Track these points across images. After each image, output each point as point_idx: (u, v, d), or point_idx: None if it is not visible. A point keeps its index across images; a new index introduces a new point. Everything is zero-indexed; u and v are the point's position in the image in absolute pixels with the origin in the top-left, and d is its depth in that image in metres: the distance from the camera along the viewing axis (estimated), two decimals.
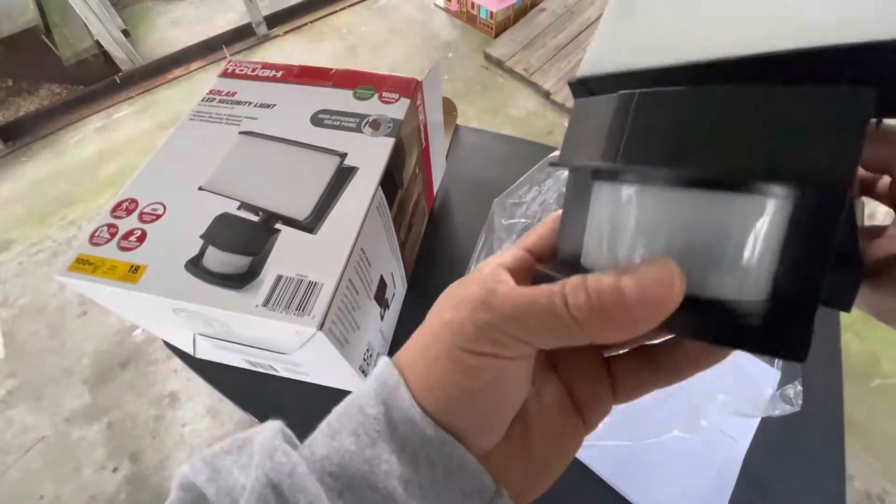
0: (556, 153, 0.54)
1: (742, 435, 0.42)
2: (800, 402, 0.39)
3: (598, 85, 0.16)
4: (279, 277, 0.31)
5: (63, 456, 1.16)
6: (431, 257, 0.55)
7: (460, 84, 1.92)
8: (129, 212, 0.35)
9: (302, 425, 0.39)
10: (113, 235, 0.34)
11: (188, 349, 0.45)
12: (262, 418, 0.46)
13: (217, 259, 0.32)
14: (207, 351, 0.44)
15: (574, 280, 0.13)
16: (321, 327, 0.29)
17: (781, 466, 0.41)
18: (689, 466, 0.41)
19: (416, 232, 0.51)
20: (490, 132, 0.70)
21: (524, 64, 1.90)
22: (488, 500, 0.15)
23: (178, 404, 1.21)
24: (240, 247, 0.32)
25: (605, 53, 0.16)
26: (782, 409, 0.38)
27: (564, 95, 1.77)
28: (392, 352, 0.49)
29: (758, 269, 0.13)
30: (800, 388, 0.39)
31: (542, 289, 0.14)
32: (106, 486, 1.11)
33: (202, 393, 1.22)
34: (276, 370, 0.43)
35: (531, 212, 0.52)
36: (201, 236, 0.33)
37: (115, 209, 0.35)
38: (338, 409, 0.17)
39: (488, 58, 1.98)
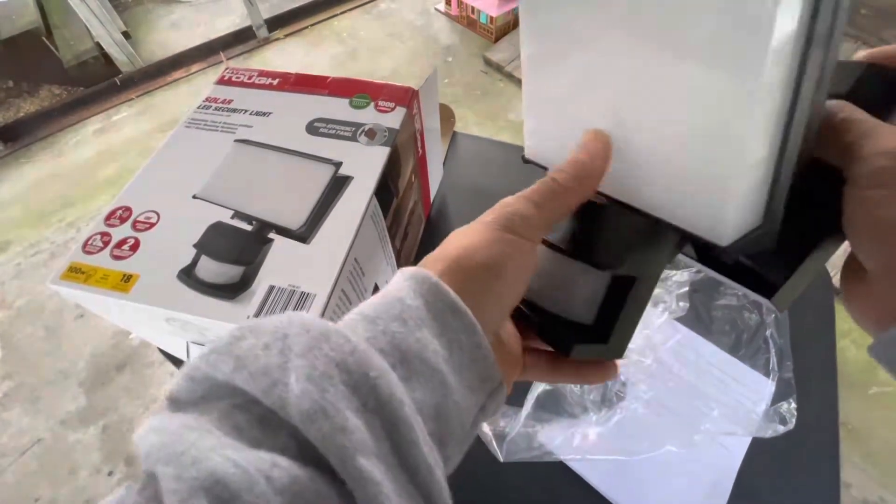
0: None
1: (737, 447, 0.42)
2: (793, 420, 0.38)
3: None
4: (271, 288, 0.30)
5: (59, 459, 1.15)
6: None
7: (460, 88, 1.92)
8: (122, 220, 0.35)
9: None
10: (106, 244, 0.34)
11: (182, 356, 0.45)
12: None
13: (210, 269, 0.32)
14: None
15: (552, 174, 0.21)
16: None
17: (776, 478, 0.41)
18: (683, 479, 0.40)
19: (412, 239, 0.51)
20: (487, 139, 0.70)
21: None
22: (495, 387, 0.19)
23: None
24: (233, 256, 0.32)
25: (534, 145, 0.25)
26: (775, 430, 0.38)
27: None
28: None
29: (592, 306, 0.22)
30: (794, 405, 0.39)
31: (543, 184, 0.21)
32: (101, 490, 1.11)
33: None
34: None
35: None
36: (194, 245, 0.33)
37: (108, 217, 0.35)
38: (370, 302, 0.18)
39: (488, 62, 1.99)
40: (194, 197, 0.36)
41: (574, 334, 0.21)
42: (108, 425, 1.19)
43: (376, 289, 0.40)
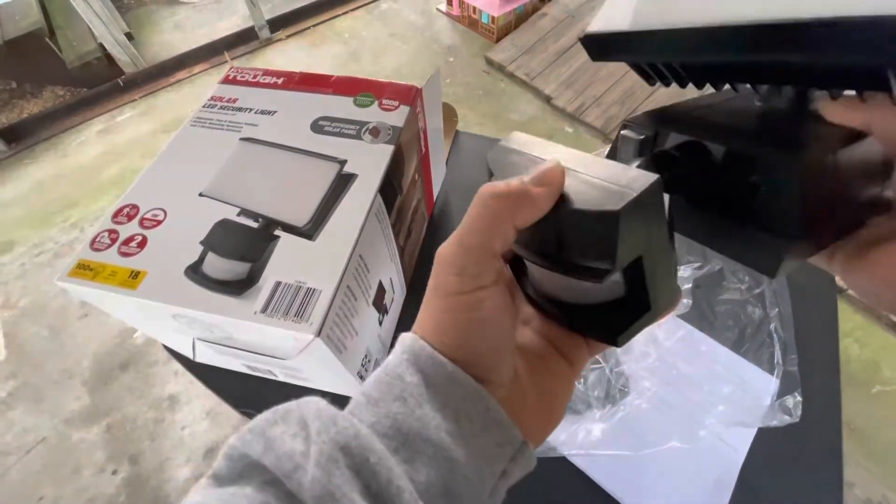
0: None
1: (740, 443, 0.42)
2: (799, 412, 0.39)
3: (610, 41, 0.20)
4: (278, 284, 0.31)
5: (63, 458, 1.16)
6: (431, 262, 0.55)
7: (461, 89, 1.92)
8: (130, 217, 0.35)
9: None
10: (114, 241, 0.34)
11: (188, 353, 0.45)
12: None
13: (216, 265, 0.32)
14: (207, 355, 0.44)
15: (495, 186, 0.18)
16: (319, 334, 0.29)
17: (779, 476, 0.41)
18: (687, 475, 0.41)
19: (415, 237, 0.52)
20: (490, 138, 0.70)
21: (525, 69, 1.90)
22: (517, 449, 0.18)
23: (178, 407, 1.21)
24: (239, 253, 0.32)
25: (615, 15, 0.20)
26: (780, 420, 0.38)
27: (565, 100, 1.78)
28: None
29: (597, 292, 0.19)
30: (799, 398, 0.39)
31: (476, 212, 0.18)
32: (105, 489, 1.11)
33: (201, 395, 1.22)
34: (275, 375, 0.43)
35: None
36: (201, 242, 0.33)
37: (115, 214, 0.36)
38: (375, 379, 0.18)
39: (489, 62, 1.99)
40: (201, 195, 0.36)
41: (617, 315, 0.19)
42: (112, 424, 1.20)
43: (381, 286, 0.40)
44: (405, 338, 0.19)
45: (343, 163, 0.37)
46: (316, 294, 0.30)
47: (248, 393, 0.47)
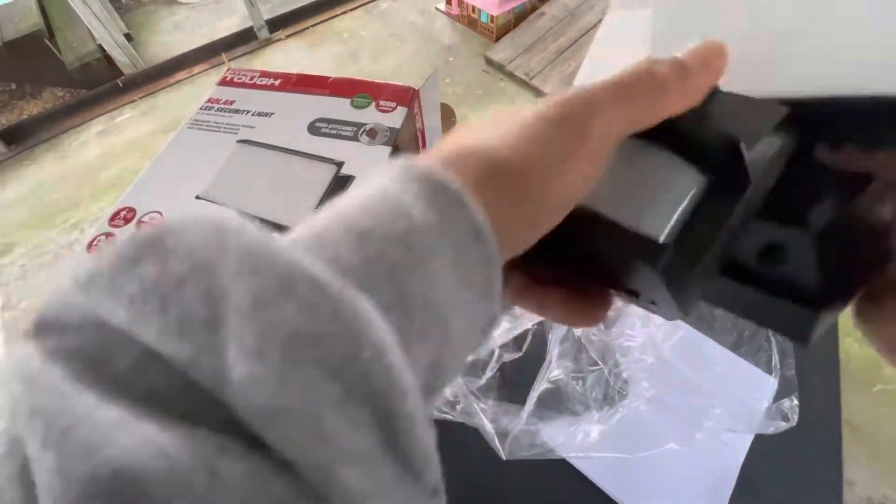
0: None
1: (739, 444, 0.42)
2: (796, 417, 0.39)
3: None
4: None
5: None
6: None
7: (461, 88, 1.92)
8: (126, 220, 0.35)
9: None
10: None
11: None
12: None
13: None
14: None
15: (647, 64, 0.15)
16: None
17: (778, 477, 0.41)
18: (686, 476, 0.40)
19: None
20: None
21: (525, 68, 1.90)
22: (491, 320, 0.15)
23: None
24: None
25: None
26: (777, 427, 0.38)
27: None
28: None
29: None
30: (796, 402, 0.39)
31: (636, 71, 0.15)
32: None
33: None
34: None
35: None
36: None
37: (112, 218, 0.35)
38: (357, 203, 0.13)
39: (489, 62, 1.99)
40: (197, 197, 0.36)
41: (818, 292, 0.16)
42: None
43: None
44: (412, 162, 0.13)
45: (340, 164, 0.37)
46: None
47: None
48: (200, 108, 0.43)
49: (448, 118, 0.68)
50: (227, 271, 0.10)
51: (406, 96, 0.42)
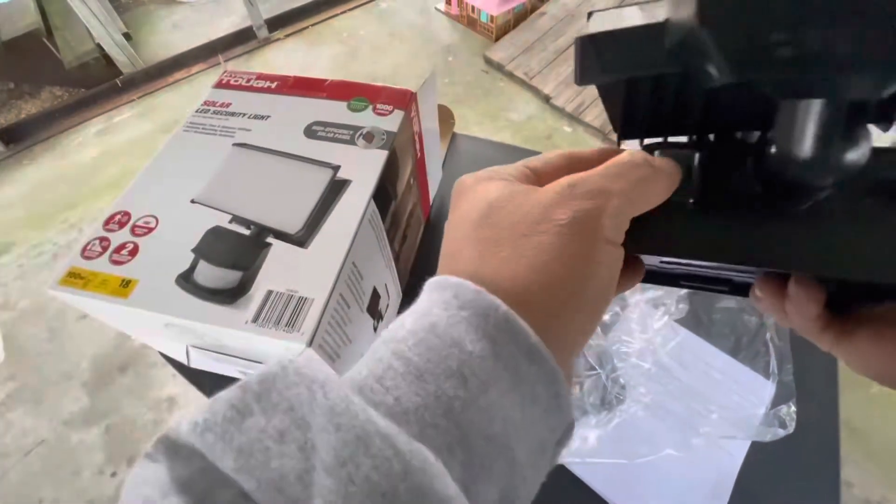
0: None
1: (737, 449, 0.42)
2: (793, 424, 0.38)
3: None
4: (269, 293, 0.30)
5: (62, 460, 1.16)
6: (427, 266, 0.54)
7: (460, 88, 1.92)
8: (121, 225, 0.35)
9: None
10: (105, 249, 0.34)
11: (182, 360, 0.45)
12: None
13: (208, 273, 0.32)
14: (201, 362, 0.44)
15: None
16: (311, 343, 0.28)
17: (776, 481, 0.41)
18: (684, 481, 0.40)
19: (410, 242, 0.51)
20: (487, 140, 0.70)
21: (524, 68, 1.90)
22: (564, 431, 0.15)
23: (178, 408, 1.21)
24: (230, 261, 0.32)
25: None
26: (774, 434, 0.38)
27: (564, 99, 1.77)
28: None
29: None
30: (794, 409, 0.39)
31: (625, 158, 0.17)
32: (104, 490, 1.12)
33: (201, 397, 1.22)
34: None
35: None
36: (193, 250, 0.33)
37: (107, 222, 0.35)
38: (413, 337, 0.13)
39: (488, 62, 1.99)
40: (193, 201, 0.36)
41: None
42: (112, 426, 1.20)
43: (375, 292, 0.40)
44: (461, 286, 0.14)
45: (336, 168, 0.37)
46: (308, 303, 0.30)
47: None
48: (196, 111, 0.43)
49: (446, 120, 0.68)
50: (317, 426, 0.11)
51: (403, 100, 0.42)
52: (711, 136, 0.19)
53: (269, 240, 0.33)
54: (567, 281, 0.14)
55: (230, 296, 0.31)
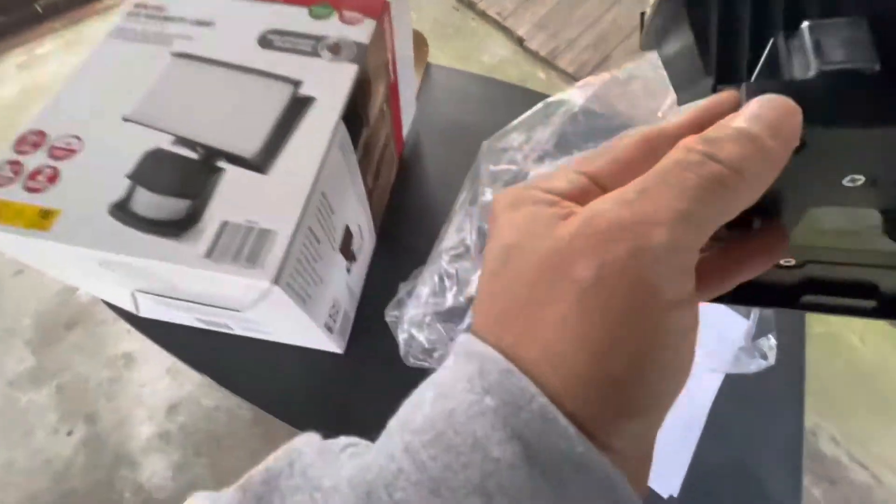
0: (559, 95, 0.50)
1: (710, 384, 0.42)
2: (774, 356, 0.39)
3: None
4: (225, 224, 0.26)
5: (11, 421, 1.09)
6: (402, 209, 0.51)
7: (429, 25, 1.79)
8: (35, 146, 0.29)
9: (268, 388, 0.34)
10: (17, 174, 0.28)
11: (130, 308, 0.40)
12: (221, 381, 0.43)
13: (149, 202, 0.27)
14: (152, 309, 0.40)
15: (693, 142, 0.11)
16: (277, 281, 0.25)
17: (745, 415, 0.42)
18: None
19: (384, 180, 0.47)
20: (466, 72, 0.65)
21: (497, 6, 1.79)
22: None
23: (135, 365, 1.15)
24: (175, 188, 0.27)
25: None
26: (757, 365, 0.38)
27: (538, 43, 1.69)
28: (364, 307, 0.46)
29: None
30: (773, 341, 0.39)
31: (670, 165, 0.11)
32: (61, 450, 1.07)
33: (161, 352, 1.16)
34: (231, 329, 0.39)
35: (519, 158, 0.48)
36: (128, 176, 0.28)
37: (19, 143, 0.29)
38: (421, 430, 0.11)
39: None
40: (126, 119, 0.30)
41: None
42: (63, 385, 1.13)
43: (347, 231, 0.36)
44: (491, 367, 0.11)
45: (297, 84, 0.32)
46: (271, 235, 0.26)
47: (206, 350, 0.44)
48: (127, 14, 0.36)
49: (420, 46, 0.61)
50: None
51: (375, 7, 0.36)
52: None
53: (221, 164, 0.28)
54: (612, 370, 0.10)
55: (177, 227, 0.26)
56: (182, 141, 0.29)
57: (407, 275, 0.43)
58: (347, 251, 0.37)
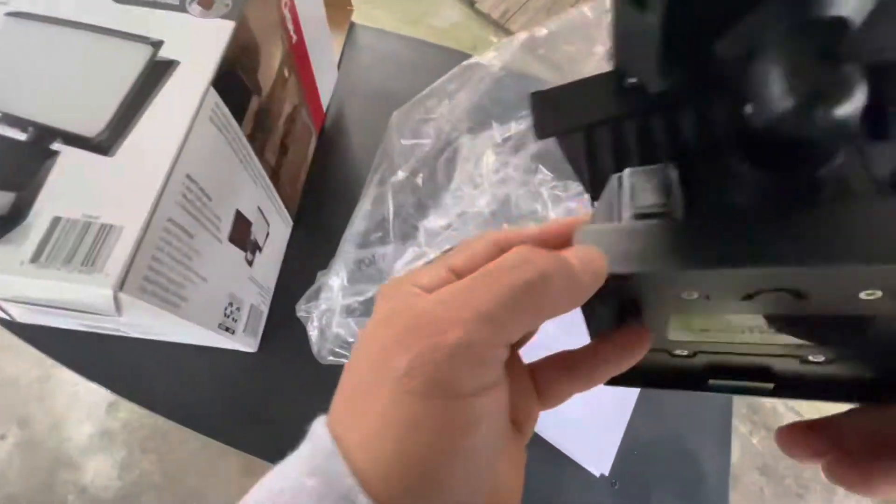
0: (475, 58, 0.47)
1: None
2: None
3: None
4: (56, 220, 0.22)
5: None
6: (323, 186, 0.46)
7: None
8: None
9: (173, 395, 0.31)
10: None
11: (2, 315, 0.35)
12: (114, 388, 0.39)
13: None
14: (27, 316, 0.35)
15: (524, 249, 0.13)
16: (122, 287, 0.21)
17: (674, 401, 0.42)
18: (590, 392, 0.40)
19: (296, 155, 0.42)
20: (395, 34, 0.59)
21: None
22: None
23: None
24: None
25: None
26: None
27: (490, 4, 1.62)
28: (282, 299, 0.42)
29: None
30: None
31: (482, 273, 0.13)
32: None
33: None
34: (123, 332, 0.35)
35: (440, 130, 0.44)
36: None
37: None
38: None
39: None
40: None
41: None
42: None
43: (240, 216, 0.32)
44: (320, 449, 0.12)
45: (158, 45, 0.26)
46: (115, 232, 0.21)
47: (98, 355, 0.39)
48: None
49: (342, 6, 0.55)
50: None
51: None
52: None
53: (56, 146, 0.23)
54: (411, 453, 0.11)
55: None
56: (8, 118, 0.24)
57: (328, 262, 0.40)
58: (244, 241, 0.33)
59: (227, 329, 0.31)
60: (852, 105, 0.10)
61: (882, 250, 0.10)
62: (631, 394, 0.40)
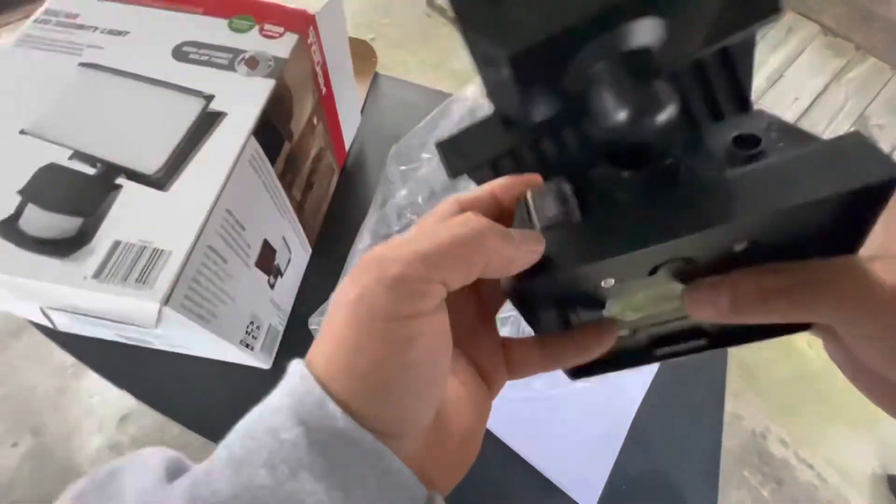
0: (455, 95, 0.54)
1: (635, 394, 0.43)
2: None
3: None
4: (116, 243, 0.26)
5: None
6: (342, 218, 0.50)
7: (399, 31, 1.79)
8: None
9: (192, 405, 0.34)
10: None
11: (46, 323, 0.39)
12: (144, 398, 0.42)
13: (38, 220, 0.26)
14: (68, 325, 0.39)
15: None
16: (167, 302, 0.24)
17: (666, 424, 0.43)
18: (582, 422, 0.41)
19: (320, 190, 0.47)
20: (415, 84, 0.65)
21: None
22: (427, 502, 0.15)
23: (84, 374, 1.11)
24: (68, 205, 0.26)
25: None
26: None
27: None
28: (296, 321, 0.46)
29: None
30: None
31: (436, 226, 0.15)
32: (5, 461, 1.02)
33: None
34: (152, 344, 0.38)
35: (423, 156, 0.50)
36: (19, 192, 0.27)
37: None
38: (240, 430, 0.14)
39: (430, 4, 1.86)
40: (23, 133, 0.29)
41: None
42: (8, 395, 1.09)
43: (267, 245, 0.36)
44: (293, 372, 0.15)
45: (209, 98, 0.31)
46: (164, 255, 0.25)
47: (128, 364, 0.42)
48: (35, 21, 0.35)
49: (368, 58, 0.61)
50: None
51: (299, 21, 0.36)
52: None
53: (120, 181, 0.28)
54: (359, 365, 0.14)
55: (66, 246, 0.25)
56: (80, 156, 0.28)
57: None
58: (268, 266, 0.36)
59: (246, 346, 0.35)
60: (669, 109, 0.12)
61: (722, 212, 0.13)
62: (621, 425, 0.42)
